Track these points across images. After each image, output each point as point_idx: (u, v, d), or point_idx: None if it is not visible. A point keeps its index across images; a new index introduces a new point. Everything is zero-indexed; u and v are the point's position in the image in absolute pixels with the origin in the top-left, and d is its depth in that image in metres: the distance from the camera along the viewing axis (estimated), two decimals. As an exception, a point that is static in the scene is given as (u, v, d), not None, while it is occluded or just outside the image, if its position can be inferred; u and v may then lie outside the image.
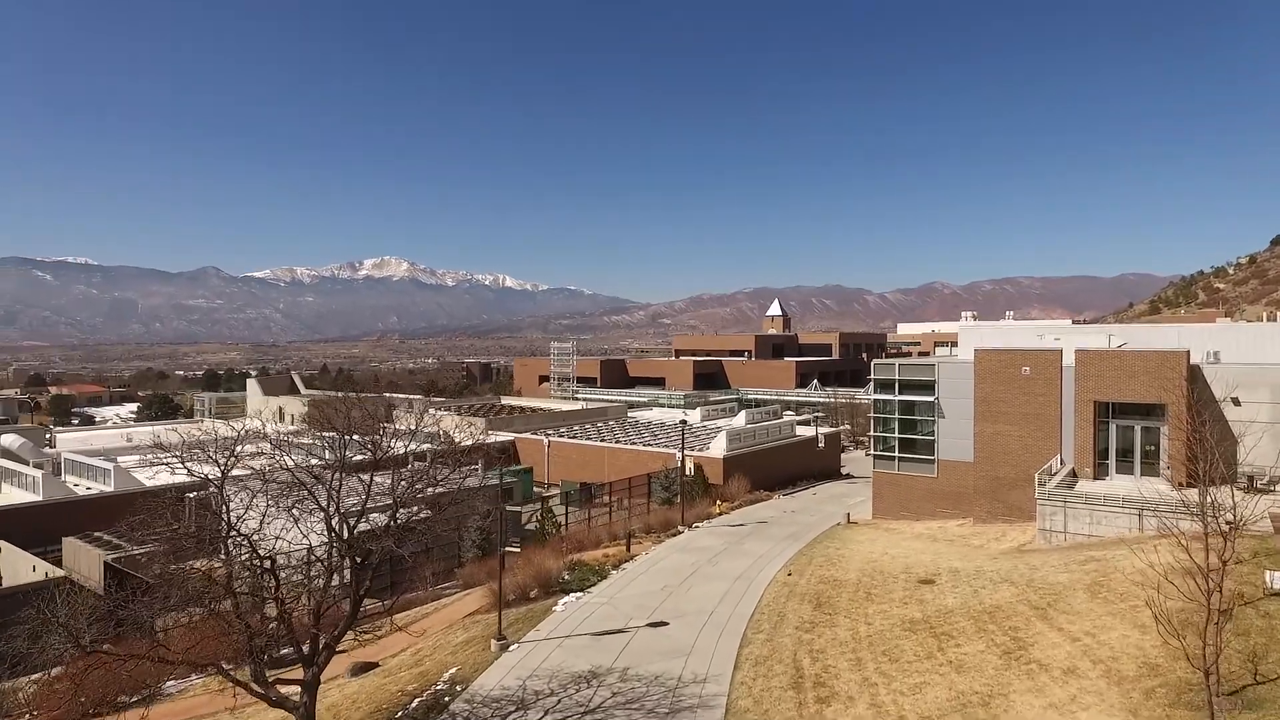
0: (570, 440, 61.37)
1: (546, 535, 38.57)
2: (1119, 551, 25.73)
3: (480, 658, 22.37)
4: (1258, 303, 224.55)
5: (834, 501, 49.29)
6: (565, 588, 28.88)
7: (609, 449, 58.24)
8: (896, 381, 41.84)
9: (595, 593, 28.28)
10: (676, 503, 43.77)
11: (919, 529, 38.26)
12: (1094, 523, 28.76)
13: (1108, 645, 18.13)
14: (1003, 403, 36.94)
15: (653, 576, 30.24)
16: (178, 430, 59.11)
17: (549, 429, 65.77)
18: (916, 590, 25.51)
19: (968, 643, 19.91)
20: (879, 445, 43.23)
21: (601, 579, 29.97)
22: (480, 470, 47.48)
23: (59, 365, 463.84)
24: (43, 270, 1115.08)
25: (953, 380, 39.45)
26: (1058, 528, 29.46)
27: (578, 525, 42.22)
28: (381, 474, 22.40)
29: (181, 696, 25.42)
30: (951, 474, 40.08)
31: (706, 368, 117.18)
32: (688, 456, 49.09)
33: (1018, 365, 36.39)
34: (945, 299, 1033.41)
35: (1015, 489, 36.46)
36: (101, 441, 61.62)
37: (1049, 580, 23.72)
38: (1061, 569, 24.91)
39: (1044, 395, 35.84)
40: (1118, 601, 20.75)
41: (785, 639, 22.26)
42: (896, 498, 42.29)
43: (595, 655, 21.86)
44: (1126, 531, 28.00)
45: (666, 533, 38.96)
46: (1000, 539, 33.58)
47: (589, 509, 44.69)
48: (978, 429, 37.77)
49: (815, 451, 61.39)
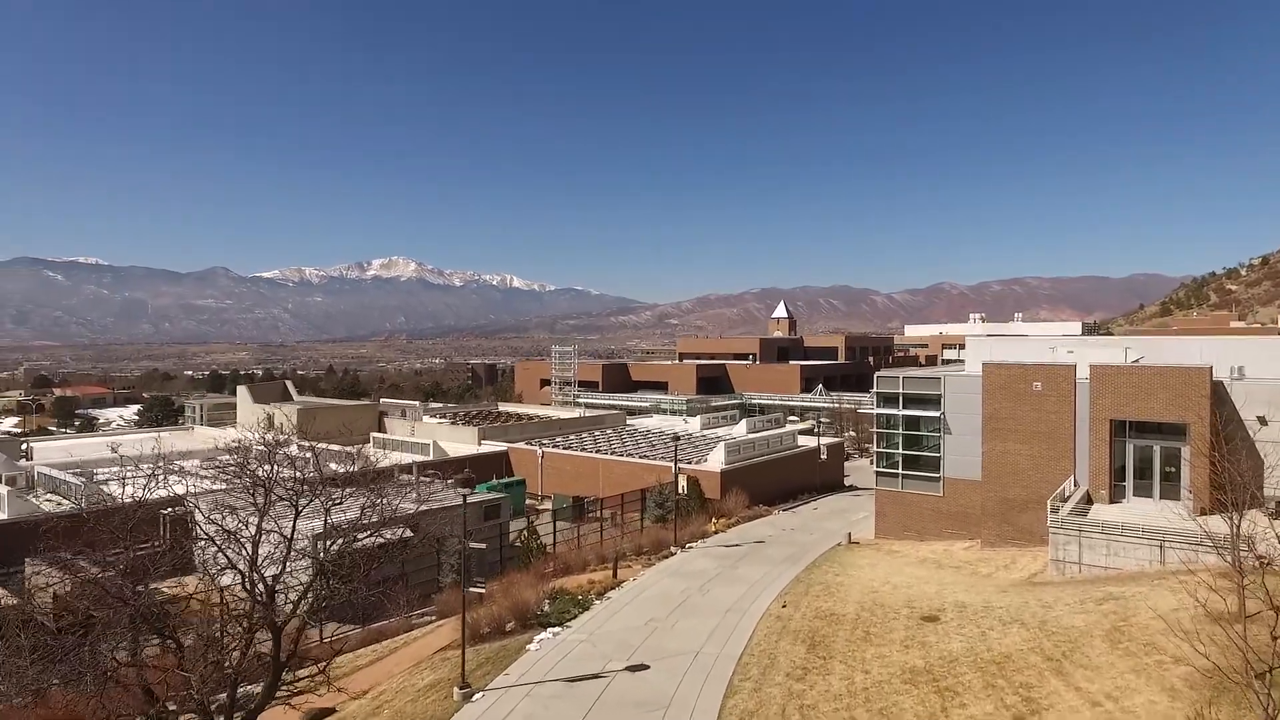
0: (564, 451, 59.57)
1: (531, 556, 36.76)
2: (1139, 588, 23.74)
3: (441, 709, 20.56)
4: (1270, 304, 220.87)
5: (835, 518, 47.31)
6: (543, 621, 27.06)
7: (603, 461, 56.39)
8: (901, 395, 39.86)
9: (575, 627, 26.44)
10: (671, 519, 41.91)
11: (923, 552, 36.26)
12: (1111, 554, 26.77)
13: (1132, 714, 16.16)
14: (1012, 420, 34.92)
15: (638, 608, 28.39)
16: (159, 439, 57.51)
17: (544, 438, 64.01)
18: (919, 630, 23.58)
19: (974, 702, 17.97)
20: (882, 461, 41.26)
21: (583, 610, 28.14)
22: (453, 490, 45.74)
23: (69, 365, 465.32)
24: (54, 270, 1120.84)
25: (960, 395, 37.44)
26: (1071, 558, 27.47)
27: (566, 545, 40.42)
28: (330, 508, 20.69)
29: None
30: (958, 493, 38.07)
31: (710, 371, 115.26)
32: (683, 470, 47.20)
33: (1029, 381, 34.36)
34: (953, 299, 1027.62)
35: (1025, 511, 34.44)
36: (84, 451, 60.16)
37: (1064, 623, 21.74)
38: (1077, 608, 22.93)
39: (1056, 412, 33.79)
40: (1141, 654, 18.76)
41: (774, 689, 20.36)
42: (900, 517, 40.30)
43: (565, 709, 20.01)
44: (1147, 564, 25.99)
45: (658, 554, 37.09)
46: (1010, 566, 31.57)
47: (579, 526, 42.86)
48: (986, 447, 35.76)
49: (817, 463, 59.41)
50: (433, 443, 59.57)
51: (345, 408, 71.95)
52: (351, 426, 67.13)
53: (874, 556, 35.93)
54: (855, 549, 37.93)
